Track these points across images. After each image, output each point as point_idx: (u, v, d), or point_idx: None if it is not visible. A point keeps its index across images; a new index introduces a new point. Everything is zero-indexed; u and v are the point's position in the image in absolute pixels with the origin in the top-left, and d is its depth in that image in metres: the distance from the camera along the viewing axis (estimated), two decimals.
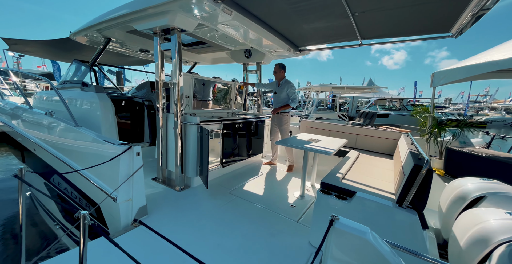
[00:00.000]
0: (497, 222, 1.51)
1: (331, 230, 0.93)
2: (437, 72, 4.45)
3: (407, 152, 1.89)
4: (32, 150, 2.55)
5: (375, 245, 0.85)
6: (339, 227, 0.92)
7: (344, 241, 0.92)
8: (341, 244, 0.93)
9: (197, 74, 3.02)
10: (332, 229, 0.93)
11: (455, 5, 1.83)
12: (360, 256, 0.89)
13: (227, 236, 1.80)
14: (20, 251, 1.50)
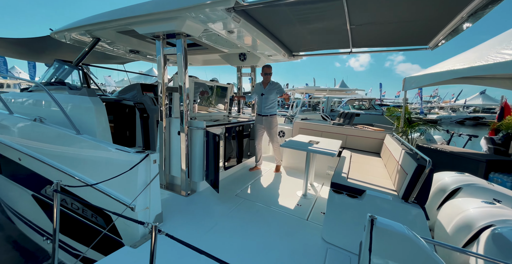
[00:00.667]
0: (476, 210, 1.82)
1: (376, 229, 1.04)
2: (408, 78, 5.00)
3: (402, 152, 2.14)
4: (17, 160, 2.26)
5: (415, 240, 0.99)
6: (380, 226, 1.05)
7: (386, 239, 1.03)
8: (383, 241, 1.03)
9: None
10: (374, 228, 1.05)
11: (437, 23, 2.12)
12: (402, 251, 1.00)
13: (246, 238, 1.85)
14: None
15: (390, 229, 1.04)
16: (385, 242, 1.04)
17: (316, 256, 1.72)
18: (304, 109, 8.80)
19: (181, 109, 2.36)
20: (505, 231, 1.49)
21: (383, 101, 24.80)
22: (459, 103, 28.22)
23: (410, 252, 0.99)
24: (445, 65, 4.40)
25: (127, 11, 2.14)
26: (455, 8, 1.79)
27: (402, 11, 1.92)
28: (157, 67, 2.40)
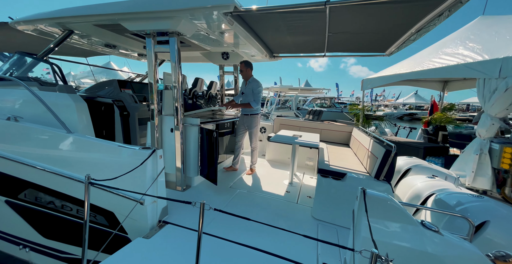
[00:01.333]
0: (422, 184, 2.39)
1: (366, 198, 1.36)
2: (365, 80, 5.82)
3: (371, 142, 2.61)
4: None
5: (395, 203, 1.33)
6: (370, 194, 1.38)
7: (373, 204, 1.36)
8: (373, 206, 1.35)
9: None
10: (367, 197, 1.37)
11: (393, 36, 2.64)
12: (385, 212, 1.34)
13: (246, 224, 2.05)
14: None
15: (377, 196, 1.38)
16: (375, 205, 1.37)
17: (310, 231, 2.03)
18: (278, 107, 9.28)
19: (176, 107, 2.39)
20: (443, 196, 2.02)
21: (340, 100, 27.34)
22: (399, 102, 32.99)
23: (392, 212, 1.34)
24: (393, 70, 5.29)
25: (118, 6, 2.06)
26: (406, 25, 2.28)
27: (368, 24, 2.34)
28: (148, 64, 2.36)
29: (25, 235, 2.13)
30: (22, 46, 3.46)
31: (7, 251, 2.33)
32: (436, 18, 1.97)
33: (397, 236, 1.26)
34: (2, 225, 2.24)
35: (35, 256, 2.16)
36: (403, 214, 1.29)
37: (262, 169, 3.56)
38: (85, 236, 1.29)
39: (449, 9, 1.78)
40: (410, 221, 1.27)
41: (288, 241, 1.87)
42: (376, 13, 2.03)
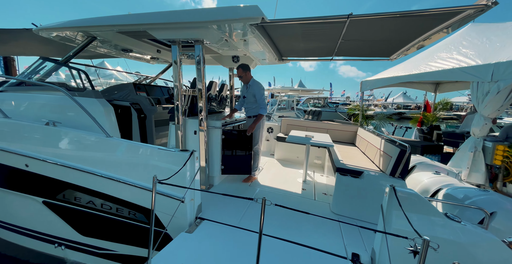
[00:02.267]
0: (429, 180, 2.60)
1: (398, 195, 1.52)
2: (364, 81, 6.08)
3: (382, 141, 2.81)
4: (22, 167, 2.00)
5: (423, 198, 1.50)
6: (400, 191, 1.54)
7: (404, 200, 1.51)
8: (403, 202, 1.51)
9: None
10: (398, 193, 1.53)
11: (400, 43, 2.84)
12: (413, 206, 1.49)
13: (272, 218, 2.19)
14: None
15: (406, 192, 1.54)
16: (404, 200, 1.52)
17: (333, 225, 2.19)
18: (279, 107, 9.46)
19: (200, 110, 2.48)
20: (450, 191, 2.24)
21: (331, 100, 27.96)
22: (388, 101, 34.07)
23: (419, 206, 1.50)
24: (391, 72, 5.57)
25: (149, 17, 2.12)
26: (414, 34, 2.48)
27: (381, 33, 2.52)
28: (173, 69, 2.44)
29: (61, 234, 2.18)
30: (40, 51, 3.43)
31: (40, 250, 2.35)
32: (443, 30, 2.18)
33: (425, 227, 1.43)
34: (37, 224, 2.27)
35: (71, 253, 2.21)
36: (429, 207, 1.47)
37: (274, 168, 3.70)
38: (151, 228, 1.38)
39: (458, 23, 1.98)
40: (436, 213, 1.45)
41: (314, 234, 2.02)
42: (391, 23, 2.21)
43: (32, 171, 2.01)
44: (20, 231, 2.37)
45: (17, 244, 2.52)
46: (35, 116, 2.14)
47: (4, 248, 2.59)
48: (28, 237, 2.35)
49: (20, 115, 2.19)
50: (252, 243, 1.75)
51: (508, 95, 3.41)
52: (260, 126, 3.16)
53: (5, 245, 2.59)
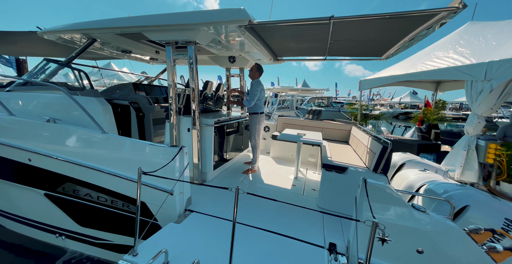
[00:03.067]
0: (415, 176, 2.67)
1: (367, 186, 1.62)
2: (363, 80, 6.11)
3: (369, 139, 2.89)
4: (25, 161, 2.19)
5: (391, 190, 1.60)
6: (370, 183, 1.64)
7: (372, 191, 1.62)
8: (373, 193, 1.61)
9: None
10: (368, 185, 1.63)
11: (389, 43, 2.90)
12: (382, 197, 1.60)
13: (260, 211, 2.31)
14: None
15: (377, 184, 1.64)
16: (374, 192, 1.63)
17: (316, 218, 2.30)
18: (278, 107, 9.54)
19: (193, 108, 2.62)
20: (432, 186, 2.30)
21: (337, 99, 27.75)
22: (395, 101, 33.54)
23: (388, 197, 1.61)
24: (389, 71, 5.59)
25: (144, 20, 2.28)
26: (400, 34, 2.55)
27: (367, 33, 2.60)
28: (167, 69, 2.60)
29: (61, 224, 2.36)
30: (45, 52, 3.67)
31: (42, 239, 2.55)
32: (426, 30, 2.24)
33: (392, 216, 1.53)
34: (39, 215, 2.46)
35: (70, 243, 2.39)
36: (397, 199, 1.56)
37: (268, 166, 3.82)
38: (137, 218, 1.53)
39: (438, 24, 2.05)
40: (403, 204, 1.54)
41: (298, 226, 2.13)
42: (374, 25, 2.30)
43: (34, 165, 2.19)
44: (23, 222, 2.57)
45: (21, 233, 2.73)
46: (38, 114, 2.33)
47: (9, 237, 2.81)
48: (31, 227, 2.55)
49: (25, 113, 2.38)
50: (236, 233, 1.88)
51: (501, 94, 3.42)
52: (255, 122, 3.30)
53: (10, 235, 2.81)
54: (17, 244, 2.71)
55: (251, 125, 3.35)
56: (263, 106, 3.42)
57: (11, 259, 2.49)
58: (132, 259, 1.45)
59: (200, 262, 1.43)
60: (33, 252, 2.58)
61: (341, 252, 1.77)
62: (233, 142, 3.57)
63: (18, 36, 3.16)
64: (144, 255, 1.48)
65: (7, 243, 2.74)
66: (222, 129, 3.19)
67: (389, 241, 1.51)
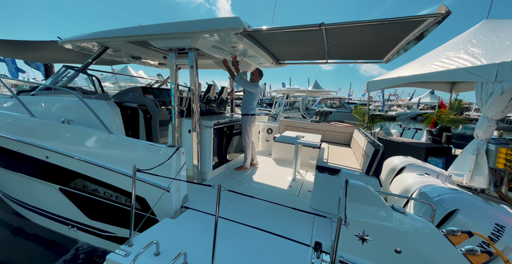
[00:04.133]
0: (412, 180, 2.64)
1: (348, 187, 1.68)
2: (370, 82, 6.01)
3: (366, 142, 2.89)
4: (43, 158, 2.48)
5: (371, 190, 1.65)
6: (352, 184, 1.69)
7: (353, 192, 1.67)
8: (352, 193, 1.67)
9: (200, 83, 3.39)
10: (348, 186, 1.69)
11: (387, 46, 2.90)
12: (363, 197, 1.66)
13: (253, 210, 2.41)
14: None
15: (357, 185, 1.69)
16: (356, 193, 1.68)
17: (307, 219, 2.36)
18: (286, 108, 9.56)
19: (193, 111, 2.79)
20: (426, 190, 2.29)
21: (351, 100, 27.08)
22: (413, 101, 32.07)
23: (368, 198, 1.65)
24: (398, 72, 5.46)
25: (148, 29, 2.49)
26: (395, 39, 2.56)
27: (362, 38, 2.62)
28: (170, 74, 2.79)
29: (73, 216, 2.63)
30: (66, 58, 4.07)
31: (57, 230, 2.85)
32: (418, 34, 2.25)
33: (372, 216, 1.58)
34: (55, 208, 2.75)
35: (81, 234, 2.65)
36: (377, 199, 1.61)
37: (268, 167, 3.91)
38: (132, 212, 1.70)
39: (426, 30, 2.05)
40: (383, 204, 1.58)
41: (289, 225, 2.21)
42: (365, 31, 2.33)
43: (51, 162, 2.46)
44: (42, 213, 2.88)
45: (40, 224, 3.05)
46: (56, 115, 2.61)
47: (31, 228, 3.15)
48: (48, 219, 2.84)
49: (44, 115, 2.68)
50: (228, 230, 2.01)
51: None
52: (246, 123, 3.47)
53: (32, 226, 3.16)
54: (36, 235, 3.04)
55: (242, 126, 3.50)
56: (255, 108, 3.57)
57: (31, 248, 2.81)
58: (127, 249, 1.62)
59: (187, 254, 1.57)
60: (49, 242, 2.88)
61: (325, 251, 1.83)
62: (234, 143, 3.71)
63: (42, 44, 3.53)
64: (138, 246, 1.64)
65: (29, 233, 3.09)
66: (222, 131, 3.34)
67: (369, 240, 1.56)
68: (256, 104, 3.57)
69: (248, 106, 3.45)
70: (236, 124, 3.67)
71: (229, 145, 3.62)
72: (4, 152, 2.74)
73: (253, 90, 3.42)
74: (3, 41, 3.49)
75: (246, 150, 3.56)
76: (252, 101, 3.47)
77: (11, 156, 2.70)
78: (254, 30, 2.36)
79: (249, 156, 3.59)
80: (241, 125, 3.53)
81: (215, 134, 3.17)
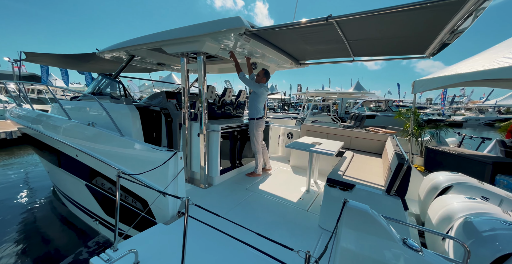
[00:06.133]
0: (459, 204, 2.06)
1: (344, 209, 1.37)
2: (417, 81, 5.09)
3: (393, 153, 2.40)
4: (74, 156, 2.85)
5: (375, 216, 1.30)
6: (350, 206, 1.38)
7: (353, 216, 1.36)
8: (351, 218, 1.36)
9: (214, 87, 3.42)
10: (345, 208, 1.38)
11: (426, 38, 2.36)
12: (365, 225, 1.33)
13: (253, 223, 2.23)
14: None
15: (358, 208, 1.36)
16: (356, 217, 1.36)
17: (312, 239, 2.06)
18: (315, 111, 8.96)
19: (200, 113, 2.79)
20: (475, 220, 1.73)
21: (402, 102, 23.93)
22: (489, 104, 26.33)
23: (372, 225, 1.30)
24: (454, 69, 4.49)
25: (159, 36, 2.63)
26: (432, 29, 2.05)
27: (390, 30, 2.19)
28: (181, 78, 2.87)
29: (96, 211, 2.92)
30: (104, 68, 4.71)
31: (85, 220, 3.23)
32: (463, 20, 1.74)
33: (374, 249, 1.24)
34: (83, 201, 3.12)
35: (101, 228, 2.93)
36: (383, 228, 1.26)
37: (283, 174, 3.65)
38: (117, 217, 1.74)
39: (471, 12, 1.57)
40: (390, 236, 1.23)
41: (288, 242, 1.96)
42: (390, 20, 1.94)
43: (79, 160, 2.79)
44: (75, 204, 3.28)
45: (73, 212, 3.48)
46: (90, 118, 2.96)
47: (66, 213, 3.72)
48: (79, 210, 3.22)
49: (78, 118, 3.07)
50: (218, 241, 1.89)
51: None
52: (253, 128, 3.31)
53: (66, 212, 3.72)
54: (68, 220, 3.54)
55: (250, 131, 3.36)
56: (262, 111, 3.36)
57: (62, 229, 3.30)
58: (111, 254, 1.63)
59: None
60: (77, 229, 3.31)
61: None
62: (247, 148, 3.59)
63: (89, 56, 4.14)
64: (123, 252, 1.64)
65: (63, 217, 3.62)
66: (233, 135, 3.26)
67: None
68: (263, 107, 3.40)
69: (254, 109, 3.30)
70: (248, 128, 3.56)
71: (242, 149, 3.52)
72: (50, 149, 3.25)
73: (256, 90, 3.25)
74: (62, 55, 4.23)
75: (256, 155, 3.39)
76: (258, 103, 3.30)
77: (55, 153, 3.18)
78: (258, 29, 2.22)
79: (260, 161, 3.41)
80: (249, 130, 3.40)
81: (225, 138, 3.11)
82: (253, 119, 3.31)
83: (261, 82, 3.34)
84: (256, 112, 3.29)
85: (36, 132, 3.31)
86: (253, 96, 3.32)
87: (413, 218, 2.71)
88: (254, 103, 3.30)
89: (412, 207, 2.85)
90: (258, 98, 3.31)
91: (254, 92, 3.31)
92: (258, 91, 3.29)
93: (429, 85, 4.86)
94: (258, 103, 3.31)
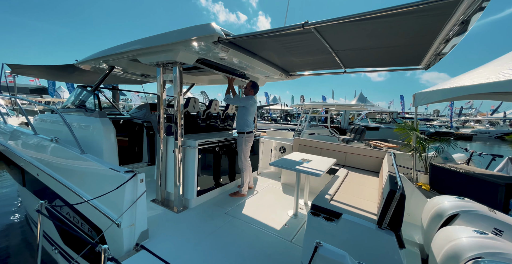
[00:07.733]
0: (467, 240, 1.71)
1: (315, 256, 1.09)
2: (418, 94, 4.83)
3: (387, 175, 2.09)
4: (35, 175, 2.62)
5: None
6: (322, 253, 1.09)
7: None
8: None
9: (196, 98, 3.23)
10: (316, 255, 1.09)
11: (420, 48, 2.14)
12: None
13: (225, 259, 1.91)
14: None
15: (331, 257, 1.07)
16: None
17: None
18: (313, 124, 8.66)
19: (175, 129, 2.56)
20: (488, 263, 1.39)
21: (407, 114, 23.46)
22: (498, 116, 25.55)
23: None
24: (457, 81, 4.23)
25: (132, 44, 2.48)
26: (424, 37, 1.84)
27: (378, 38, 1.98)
28: (157, 89, 2.69)
29: (55, 238, 2.56)
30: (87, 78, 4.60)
31: (47, 249, 2.82)
32: (457, 27, 1.53)
33: None
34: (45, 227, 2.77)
35: (60, 258, 2.54)
36: None
37: (272, 194, 3.33)
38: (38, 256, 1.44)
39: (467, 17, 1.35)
40: None
41: None
42: (367, 29, 1.75)
43: (40, 180, 2.53)
44: None
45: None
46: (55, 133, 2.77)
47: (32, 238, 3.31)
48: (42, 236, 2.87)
49: (47, 132, 2.87)
50: None
51: None
52: (241, 143, 3.10)
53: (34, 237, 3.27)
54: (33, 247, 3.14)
55: (238, 145, 3.12)
56: (252, 124, 3.15)
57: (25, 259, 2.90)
58: None
59: None
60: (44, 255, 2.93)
61: None
62: (229, 165, 3.31)
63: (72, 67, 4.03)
64: None
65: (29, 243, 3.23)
66: (214, 150, 3.01)
67: None
68: (253, 120, 3.17)
69: (243, 123, 3.07)
70: (234, 142, 3.30)
71: (226, 166, 3.24)
72: (16, 166, 3.03)
73: (245, 104, 3.08)
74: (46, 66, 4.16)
75: (243, 173, 3.11)
76: (248, 116, 3.09)
77: (20, 171, 2.95)
78: (233, 38, 2.05)
79: (246, 180, 3.12)
80: (237, 145, 3.15)
81: (205, 154, 2.86)
82: (243, 133, 3.07)
83: (249, 95, 3.18)
84: (246, 126, 3.07)
85: (4, 147, 3.12)
86: (242, 109, 3.13)
87: (417, 249, 2.33)
88: (243, 117, 3.08)
89: (415, 235, 2.49)
90: (247, 111, 3.12)
91: (243, 106, 3.13)
92: (247, 104, 3.11)
93: (431, 98, 4.59)
94: (247, 116, 3.10)
